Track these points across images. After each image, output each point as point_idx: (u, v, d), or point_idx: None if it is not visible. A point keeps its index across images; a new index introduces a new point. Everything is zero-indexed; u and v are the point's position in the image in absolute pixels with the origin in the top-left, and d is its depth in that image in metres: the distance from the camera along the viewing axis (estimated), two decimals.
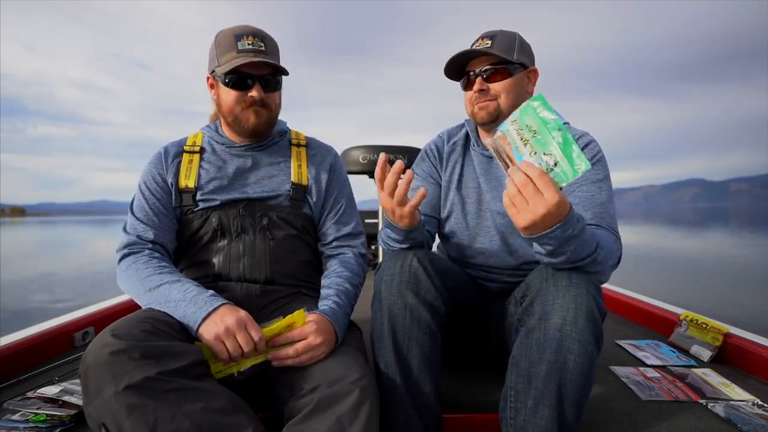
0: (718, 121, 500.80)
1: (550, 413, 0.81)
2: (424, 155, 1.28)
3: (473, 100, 1.14)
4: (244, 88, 1.09)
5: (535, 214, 0.75)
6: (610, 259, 0.90)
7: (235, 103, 1.10)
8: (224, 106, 1.12)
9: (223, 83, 1.09)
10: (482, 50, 1.09)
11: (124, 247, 1.08)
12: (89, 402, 0.75)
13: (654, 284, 6.80)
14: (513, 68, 1.12)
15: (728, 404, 1.06)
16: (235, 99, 1.10)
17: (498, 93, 1.12)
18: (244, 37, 1.07)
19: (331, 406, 0.80)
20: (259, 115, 1.11)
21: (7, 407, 1.01)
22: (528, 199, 0.75)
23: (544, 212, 0.74)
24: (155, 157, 1.18)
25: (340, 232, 1.21)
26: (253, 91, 1.09)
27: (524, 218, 0.76)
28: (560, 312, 0.83)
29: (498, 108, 1.12)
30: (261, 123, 1.12)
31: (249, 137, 1.17)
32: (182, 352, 0.82)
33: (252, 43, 1.07)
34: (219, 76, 1.09)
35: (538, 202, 0.74)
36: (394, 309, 0.95)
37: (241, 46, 1.07)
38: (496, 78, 1.11)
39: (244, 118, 1.11)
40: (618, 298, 1.99)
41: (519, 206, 0.76)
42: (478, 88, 1.12)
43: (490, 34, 1.13)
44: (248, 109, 1.10)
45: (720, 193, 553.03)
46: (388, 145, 2.86)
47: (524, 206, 0.75)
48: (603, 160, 1.09)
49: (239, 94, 1.09)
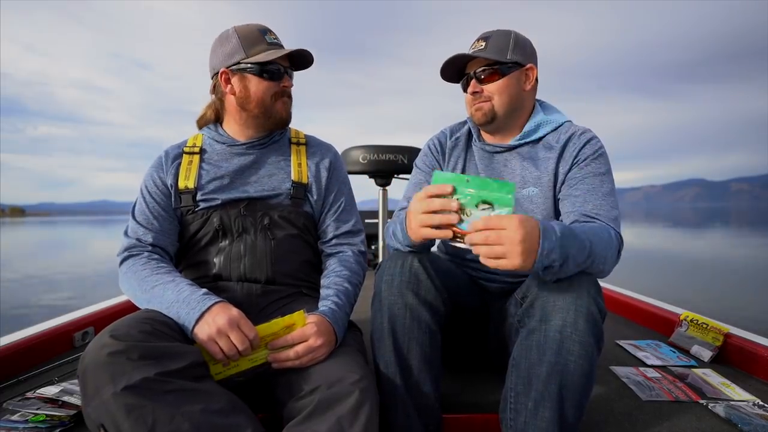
0: (718, 121, 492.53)
1: (550, 415, 0.81)
2: (427, 150, 1.28)
3: (470, 102, 1.16)
4: (278, 78, 1.14)
5: (515, 247, 0.74)
6: (606, 251, 0.90)
7: (268, 94, 1.13)
8: (254, 98, 1.13)
9: (256, 74, 1.12)
10: (472, 54, 1.11)
11: (124, 250, 1.09)
12: (88, 403, 0.75)
13: (654, 284, 6.80)
14: (506, 68, 1.12)
15: (729, 404, 1.06)
16: (267, 89, 1.13)
17: (491, 94, 1.13)
18: (269, 32, 1.14)
19: (331, 407, 0.80)
20: (287, 106, 1.18)
21: (7, 407, 1.01)
22: (499, 243, 0.75)
23: (521, 237, 0.74)
24: (156, 161, 1.18)
25: (340, 230, 1.21)
26: (285, 81, 1.15)
27: (514, 259, 0.75)
28: (560, 314, 0.83)
29: (492, 109, 1.13)
30: (290, 113, 1.19)
31: (275, 128, 1.20)
32: (181, 352, 0.82)
33: (276, 38, 1.15)
34: (251, 68, 1.11)
35: (508, 236, 0.74)
36: (395, 309, 0.94)
37: (269, 39, 1.13)
38: (489, 79, 1.12)
39: (276, 109, 1.15)
40: (618, 298, 1.99)
41: (500, 255, 0.76)
42: (472, 90, 1.14)
43: (486, 35, 1.14)
44: (279, 100, 1.15)
45: (720, 193, 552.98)
46: (388, 145, 2.85)
47: (503, 250, 0.75)
48: (605, 155, 1.10)
49: (272, 84, 1.13)
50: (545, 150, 1.14)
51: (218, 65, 1.14)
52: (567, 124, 1.17)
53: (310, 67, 1.22)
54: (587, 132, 1.13)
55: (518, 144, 1.16)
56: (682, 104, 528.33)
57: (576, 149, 1.10)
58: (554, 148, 1.12)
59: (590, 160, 1.08)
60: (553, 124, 1.16)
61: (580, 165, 1.08)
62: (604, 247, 0.89)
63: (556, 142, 1.13)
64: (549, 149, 1.13)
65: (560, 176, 1.10)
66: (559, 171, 1.11)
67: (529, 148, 1.16)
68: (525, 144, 1.16)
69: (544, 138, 1.16)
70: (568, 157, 1.10)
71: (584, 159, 1.08)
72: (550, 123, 1.16)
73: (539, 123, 1.16)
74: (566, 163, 1.10)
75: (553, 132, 1.16)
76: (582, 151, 1.09)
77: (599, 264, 0.88)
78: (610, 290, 2.09)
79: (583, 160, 1.08)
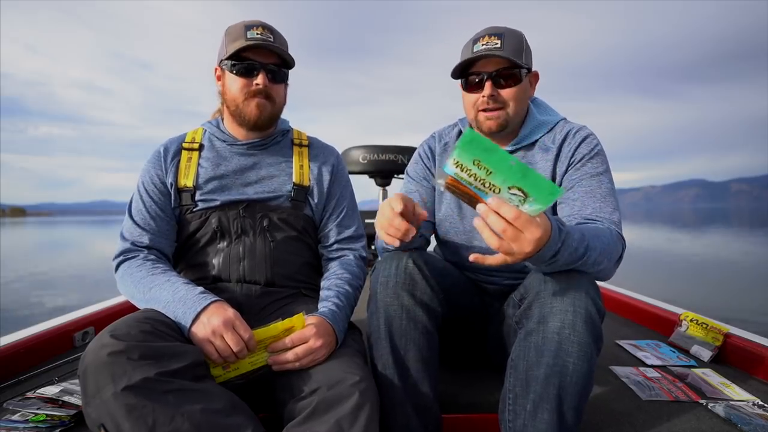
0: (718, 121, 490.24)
1: (549, 417, 0.81)
2: (417, 157, 1.25)
3: (479, 104, 1.07)
4: (249, 75, 1.08)
5: (522, 252, 0.73)
6: (608, 255, 0.89)
7: (240, 92, 1.09)
8: (228, 96, 1.11)
9: (228, 70, 1.09)
10: (496, 53, 1.02)
11: (120, 254, 1.08)
12: (88, 402, 0.75)
13: (654, 284, 6.79)
14: (522, 73, 1.05)
15: (728, 404, 1.06)
16: (240, 87, 1.08)
17: (507, 101, 1.06)
18: (254, 28, 1.08)
19: (331, 408, 0.80)
20: (262, 107, 1.09)
21: (7, 407, 1.01)
22: (511, 241, 0.72)
23: (531, 249, 0.72)
24: (154, 156, 1.15)
25: (342, 235, 1.20)
26: (258, 79, 1.07)
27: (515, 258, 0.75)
28: (559, 315, 0.83)
29: (507, 117, 1.07)
30: (263, 115, 1.10)
31: (250, 130, 1.15)
32: (181, 352, 0.82)
33: (261, 33, 1.07)
34: (225, 64, 1.09)
35: (525, 238, 0.71)
36: (390, 310, 0.94)
37: (250, 35, 1.06)
38: (508, 84, 1.05)
39: (247, 109, 1.09)
40: (618, 298, 1.99)
41: (507, 250, 0.74)
42: (489, 93, 1.04)
43: (497, 32, 1.04)
44: (252, 99, 1.09)
45: (720, 194, 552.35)
46: (388, 145, 2.86)
47: (511, 248, 0.73)
48: (602, 153, 1.07)
49: (244, 81, 1.08)
50: (542, 152, 1.12)
51: (216, 63, 1.14)
52: (561, 122, 1.15)
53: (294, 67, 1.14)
54: (582, 130, 1.10)
55: (514, 150, 1.13)
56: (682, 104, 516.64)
57: (572, 149, 1.08)
58: (550, 150, 1.10)
59: (586, 160, 1.06)
60: (548, 125, 1.14)
61: (576, 165, 1.06)
62: (605, 244, 0.88)
63: (552, 143, 1.11)
64: (545, 151, 1.11)
65: (558, 178, 1.08)
66: (556, 173, 1.09)
67: (525, 152, 1.13)
68: (521, 149, 1.13)
69: (539, 140, 1.13)
70: (564, 158, 1.08)
71: (580, 159, 1.06)
72: (545, 124, 1.14)
73: (535, 126, 1.14)
74: (563, 164, 1.08)
75: (548, 133, 1.13)
76: (578, 150, 1.07)
77: (599, 262, 0.86)
78: (610, 290, 2.09)
79: (579, 159, 1.06)
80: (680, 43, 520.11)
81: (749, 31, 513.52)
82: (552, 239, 0.75)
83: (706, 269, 9.15)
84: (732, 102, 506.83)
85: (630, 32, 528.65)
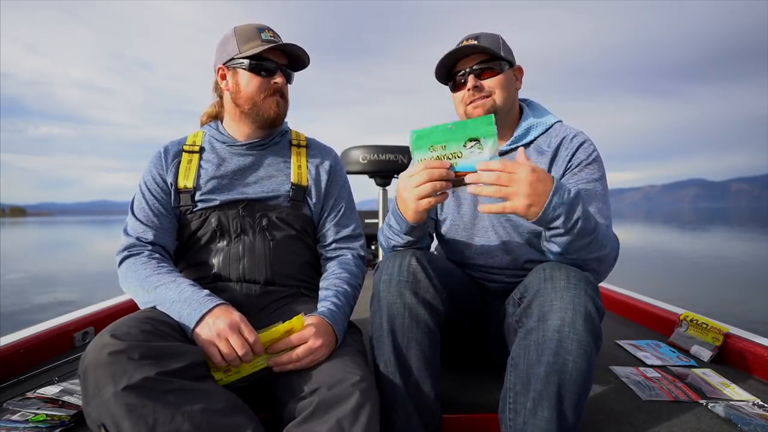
0: (718, 121, 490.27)
1: (549, 415, 0.81)
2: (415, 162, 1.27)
3: (466, 99, 1.12)
4: (269, 75, 1.12)
5: (523, 188, 0.79)
6: (610, 242, 0.91)
7: (258, 90, 1.12)
8: (243, 94, 1.13)
9: (246, 69, 1.11)
10: (472, 46, 1.09)
11: (124, 249, 1.08)
12: (88, 402, 0.75)
13: (654, 284, 6.79)
14: (502, 65, 1.12)
15: (728, 404, 1.06)
16: (258, 86, 1.12)
17: (492, 89, 1.11)
18: (266, 30, 1.13)
19: (332, 408, 0.80)
20: (280, 105, 1.14)
21: (7, 407, 1.01)
22: (507, 184, 0.79)
23: (531, 179, 0.78)
24: (155, 156, 1.17)
25: (340, 234, 1.20)
26: (277, 78, 1.12)
27: (520, 201, 0.80)
28: (558, 313, 0.83)
29: (494, 104, 1.11)
30: (281, 113, 1.15)
31: (265, 128, 1.17)
32: (182, 352, 0.82)
33: (273, 36, 1.13)
34: (241, 63, 1.11)
35: (519, 178, 0.79)
36: (393, 309, 0.94)
37: (264, 37, 1.11)
38: (487, 74, 1.11)
39: (266, 106, 1.13)
40: (618, 298, 1.99)
41: (506, 195, 0.80)
42: (472, 84, 1.10)
43: (474, 35, 1.12)
44: (270, 98, 1.13)
45: (720, 194, 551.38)
46: (388, 145, 2.85)
47: (510, 191, 0.79)
48: (598, 159, 1.09)
49: (263, 80, 1.11)
50: (537, 154, 1.12)
51: (217, 62, 1.15)
52: (557, 125, 1.15)
53: (307, 67, 1.20)
54: (579, 135, 1.11)
55: (508, 150, 1.14)
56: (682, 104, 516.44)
57: (569, 154, 1.08)
58: (546, 153, 1.11)
59: (583, 166, 1.07)
60: (543, 126, 1.14)
61: (573, 170, 1.07)
62: (605, 235, 0.91)
63: (547, 146, 1.12)
64: (540, 153, 1.12)
65: None
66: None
67: None
68: (515, 149, 1.14)
69: (534, 141, 1.14)
70: (561, 162, 1.09)
71: (577, 164, 1.07)
72: (541, 125, 1.15)
73: (529, 126, 1.15)
74: (559, 169, 1.09)
75: (543, 135, 1.14)
76: (575, 156, 1.08)
77: (599, 249, 0.89)
78: (610, 290, 2.09)
79: (576, 165, 1.07)
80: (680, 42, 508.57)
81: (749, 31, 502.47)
82: (558, 186, 0.82)
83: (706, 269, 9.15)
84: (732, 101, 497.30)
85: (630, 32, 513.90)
